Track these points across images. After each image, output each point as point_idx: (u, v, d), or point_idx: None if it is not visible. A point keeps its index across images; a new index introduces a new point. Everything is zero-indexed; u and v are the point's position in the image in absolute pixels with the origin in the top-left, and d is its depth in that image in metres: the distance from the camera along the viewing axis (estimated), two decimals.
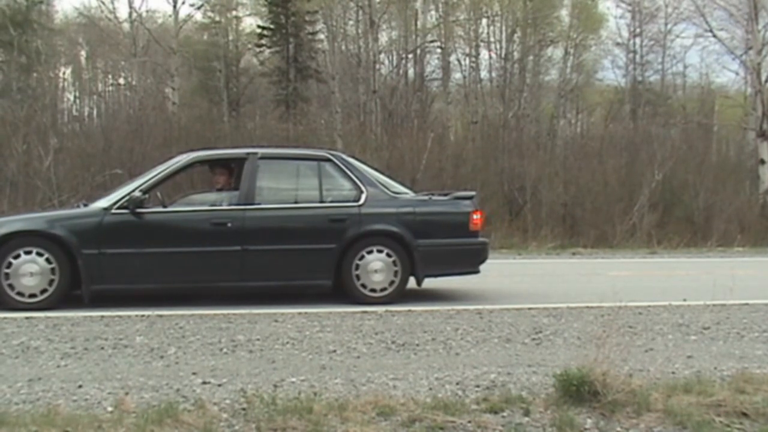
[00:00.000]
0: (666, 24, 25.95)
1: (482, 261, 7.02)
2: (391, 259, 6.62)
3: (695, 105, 25.94)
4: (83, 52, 31.67)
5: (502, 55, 25.04)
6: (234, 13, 27.40)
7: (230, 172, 7.08)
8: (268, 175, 6.74)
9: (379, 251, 6.62)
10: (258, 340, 4.87)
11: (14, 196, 13.69)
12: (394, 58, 26.12)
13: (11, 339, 4.81)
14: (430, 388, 3.74)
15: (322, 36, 24.26)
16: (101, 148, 15.03)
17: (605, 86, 28.25)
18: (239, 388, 3.66)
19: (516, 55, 25.18)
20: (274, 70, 23.51)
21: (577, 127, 27.22)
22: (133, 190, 6.34)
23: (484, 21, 25.94)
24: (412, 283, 6.76)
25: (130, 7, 22.78)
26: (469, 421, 3.23)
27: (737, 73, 23.54)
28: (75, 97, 31.01)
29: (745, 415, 3.38)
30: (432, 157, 16.71)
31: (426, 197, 7.28)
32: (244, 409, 3.32)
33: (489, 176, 17.14)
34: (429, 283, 7.02)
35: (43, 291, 6.02)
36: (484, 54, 26.02)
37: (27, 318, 5.53)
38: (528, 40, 25.20)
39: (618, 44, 27.16)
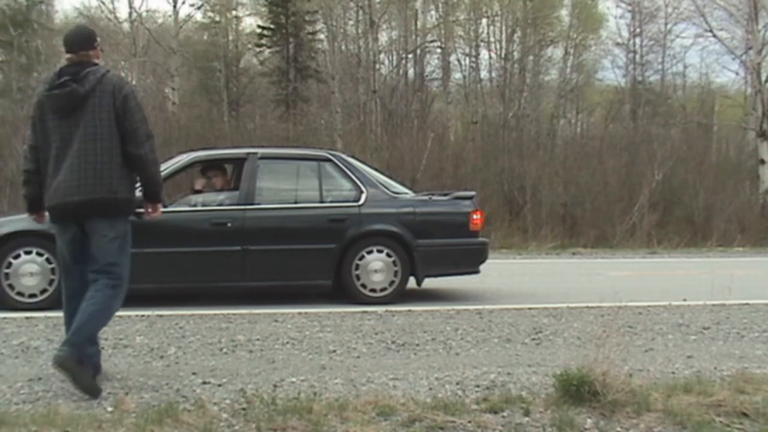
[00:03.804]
0: (666, 24, 25.93)
1: (482, 261, 7.02)
2: (391, 259, 6.62)
3: (695, 105, 25.91)
4: None
5: (502, 55, 25.04)
6: (234, 13, 27.37)
7: (230, 172, 7.08)
8: (268, 175, 6.74)
9: (379, 251, 6.63)
10: (258, 340, 4.87)
11: (14, 196, 13.69)
12: (394, 58, 26.13)
13: (11, 339, 4.81)
14: (430, 388, 3.74)
15: (322, 36, 24.25)
16: None
17: (605, 86, 28.23)
18: (239, 388, 3.66)
19: (516, 55, 25.18)
20: (274, 70, 23.49)
21: (577, 127, 27.20)
22: None
23: (484, 21, 25.97)
24: (412, 283, 6.76)
25: (130, 7, 22.79)
26: (469, 421, 3.23)
27: (737, 73, 23.58)
28: None
29: (745, 415, 3.38)
30: (432, 157, 16.71)
31: (426, 197, 7.28)
32: (244, 409, 3.32)
33: (489, 176, 17.14)
34: (429, 283, 7.02)
35: (43, 291, 6.03)
36: (484, 54, 26.07)
37: (27, 318, 5.53)
38: (528, 40, 25.19)
39: (618, 44, 27.16)
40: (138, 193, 4.12)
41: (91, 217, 3.66)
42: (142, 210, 6.35)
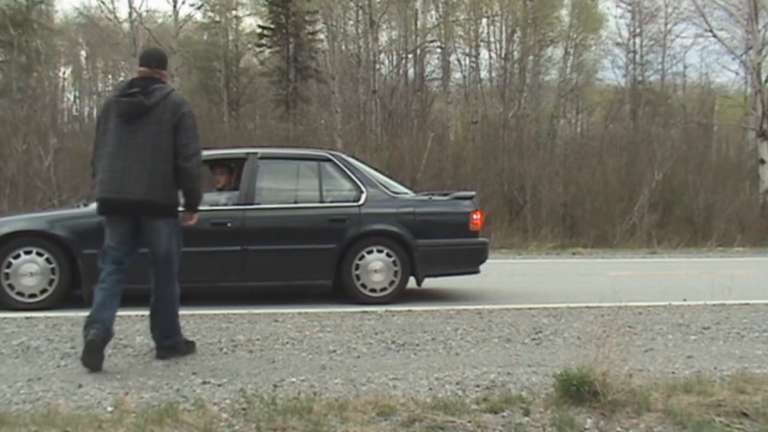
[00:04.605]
0: (666, 24, 25.91)
1: (482, 261, 7.02)
2: (391, 259, 6.62)
3: (695, 105, 25.88)
4: (83, 52, 31.71)
5: (502, 55, 25.03)
6: (234, 13, 27.39)
7: (230, 171, 7.08)
8: (268, 175, 6.74)
9: (379, 251, 6.62)
10: (258, 340, 4.87)
11: (14, 196, 13.71)
12: (394, 58, 26.12)
13: (11, 339, 4.81)
14: (430, 388, 3.74)
15: (322, 36, 24.24)
16: None
17: (605, 86, 28.20)
18: (239, 388, 3.66)
19: (516, 55, 25.16)
20: (274, 70, 23.49)
21: (577, 127, 27.19)
22: None
23: (484, 21, 25.94)
24: (412, 283, 6.76)
25: (130, 7, 22.73)
26: (469, 421, 3.23)
27: (737, 73, 23.56)
28: (75, 97, 31.08)
29: (745, 415, 3.38)
30: (432, 157, 16.71)
31: (426, 197, 7.28)
32: (244, 409, 3.32)
33: (489, 176, 17.15)
34: (429, 283, 7.02)
35: (43, 291, 6.02)
36: (484, 54, 26.04)
37: (27, 318, 5.53)
38: (528, 40, 25.18)
39: (618, 44, 27.14)
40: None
41: (146, 215, 4.13)
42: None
